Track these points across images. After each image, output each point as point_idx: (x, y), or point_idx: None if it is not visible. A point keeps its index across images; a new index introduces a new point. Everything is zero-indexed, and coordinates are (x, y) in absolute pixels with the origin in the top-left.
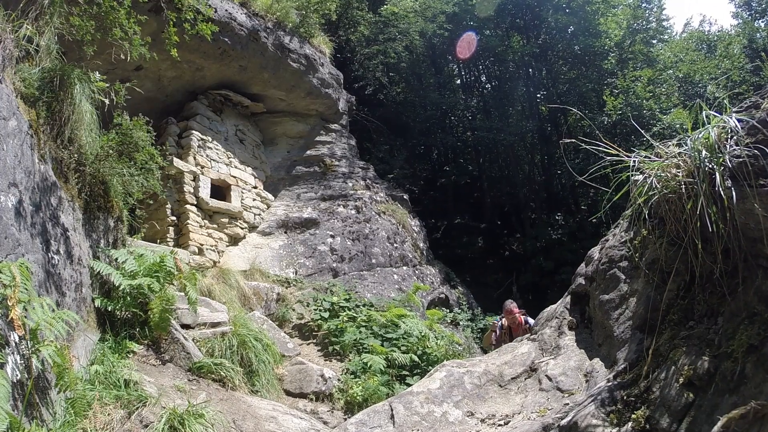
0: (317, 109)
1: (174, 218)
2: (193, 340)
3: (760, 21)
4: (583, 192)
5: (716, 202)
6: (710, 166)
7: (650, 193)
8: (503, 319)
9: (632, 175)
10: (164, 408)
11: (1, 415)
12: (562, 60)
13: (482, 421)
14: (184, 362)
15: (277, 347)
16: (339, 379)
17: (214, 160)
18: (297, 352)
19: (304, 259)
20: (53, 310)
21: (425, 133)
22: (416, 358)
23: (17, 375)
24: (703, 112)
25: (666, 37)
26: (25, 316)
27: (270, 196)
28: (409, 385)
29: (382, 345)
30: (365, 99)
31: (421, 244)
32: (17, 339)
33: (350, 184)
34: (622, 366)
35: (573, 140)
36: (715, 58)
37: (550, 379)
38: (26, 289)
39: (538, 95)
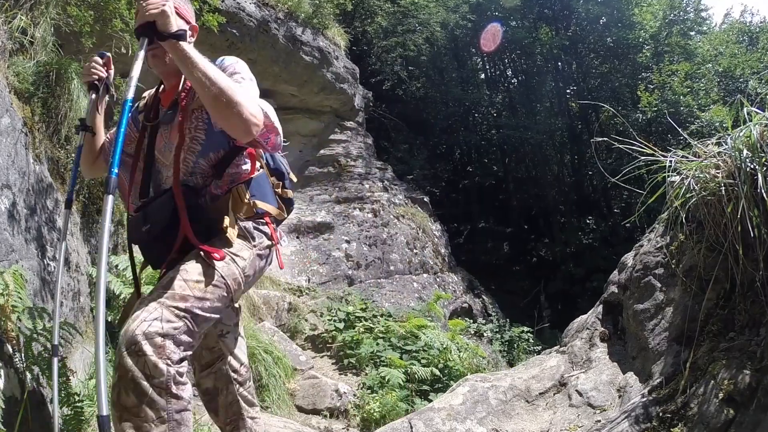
0: (331, 105)
1: None
2: None
3: None
4: (615, 194)
5: (758, 204)
6: (752, 166)
7: (688, 196)
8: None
9: (669, 176)
10: None
11: None
12: (593, 53)
13: None
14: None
15: (289, 360)
16: (355, 395)
17: None
18: (310, 365)
19: (317, 265)
20: (49, 321)
21: (447, 132)
22: (437, 372)
23: (10, 390)
24: (744, 109)
25: (705, 28)
26: (19, 327)
27: None
28: (429, 400)
29: (401, 358)
30: (383, 95)
31: (443, 250)
32: (11, 351)
33: (367, 186)
34: (658, 380)
35: (605, 139)
36: (758, 51)
37: (580, 395)
38: (20, 298)
39: (568, 91)
